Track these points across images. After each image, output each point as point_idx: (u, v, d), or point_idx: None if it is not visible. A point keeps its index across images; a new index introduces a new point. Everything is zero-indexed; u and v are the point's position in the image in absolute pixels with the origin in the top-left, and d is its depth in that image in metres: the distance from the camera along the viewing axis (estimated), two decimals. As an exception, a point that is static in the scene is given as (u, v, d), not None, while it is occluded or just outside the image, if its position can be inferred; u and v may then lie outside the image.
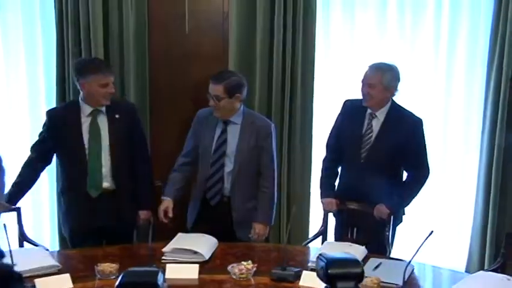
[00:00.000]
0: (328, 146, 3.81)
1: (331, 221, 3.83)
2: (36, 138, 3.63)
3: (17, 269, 2.58)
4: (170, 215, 3.54)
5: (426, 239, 2.69)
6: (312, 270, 2.92)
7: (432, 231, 2.71)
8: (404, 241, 4.01)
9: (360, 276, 2.12)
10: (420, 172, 3.62)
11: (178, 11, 4.13)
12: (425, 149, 3.61)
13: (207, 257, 3.11)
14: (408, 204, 3.70)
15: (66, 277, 2.78)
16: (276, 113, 4.19)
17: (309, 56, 4.15)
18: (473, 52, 4.28)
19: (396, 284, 2.76)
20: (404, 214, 3.79)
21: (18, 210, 3.62)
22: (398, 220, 3.73)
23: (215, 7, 4.18)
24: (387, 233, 3.61)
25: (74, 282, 2.78)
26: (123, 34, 4.10)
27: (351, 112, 3.66)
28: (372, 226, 3.60)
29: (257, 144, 3.54)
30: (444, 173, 4.40)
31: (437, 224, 4.28)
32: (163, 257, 3.09)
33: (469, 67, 4.31)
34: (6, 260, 1.78)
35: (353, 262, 2.11)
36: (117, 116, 3.49)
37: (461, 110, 4.36)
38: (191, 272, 2.92)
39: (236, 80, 3.51)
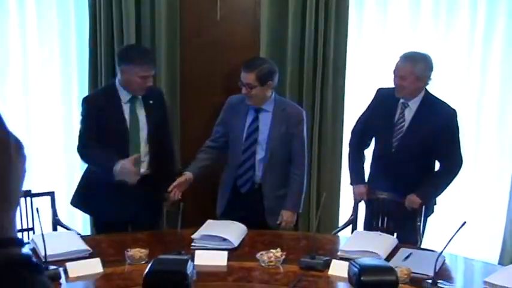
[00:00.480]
0: (354, 131, 3.77)
1: (361, 210, 3.79)
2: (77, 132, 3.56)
3: (49, 252, 2.65)
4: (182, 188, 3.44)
5: (459, 229, 2.64)
6: (341, 259, 2.91)
7: (465, 222, 2.66)
8: (436, 232, 3.97)
9: (394, 285, 2.06)
10: (453, 162, 3.55)
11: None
12: (459, 140, 3.54)
13: (236, 244, 3.10)
14: (440, 194, 3.64)
15: (96, 261, 2.81)
16: (308, 101, 4.15)
17: (341, 44, 4.10)
18: (510, 46, 4.17)
19: (427, 275, 2.72)
20: (435, 204, 3.73)
21: (52, 194, 3.68)
22: (429, 211, 3.67)
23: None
24: (418, 224, 3.56)
25: (104, 266, 2.80)
26: (155, 19, 4.10)
27: (384, 101, 3.60)
28: (402, 216, 3.55)
29: (288, 131, 3.52)
30: (478, 164, 4.32)
31: (470, 215, 4.18)
32: (192, 243, 3.09)
33: (506, 59, 4.21)
34: (28, 249, 1.79)
35: (387, 270, 2.05)
36: (150, 101, 3.48)
37: (496, 101, 4.27)
38: (220, 258, 2.92)
39: (268, 68, 3.48)
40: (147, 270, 2.10)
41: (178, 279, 2.05)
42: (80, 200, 3.60)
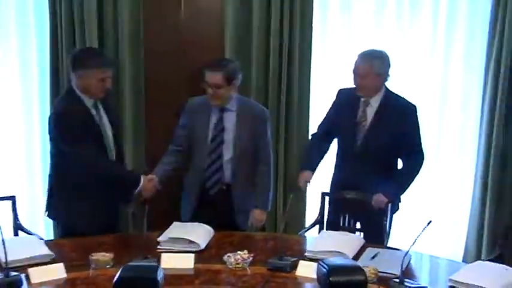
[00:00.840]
0: (320, 126, 3.80)
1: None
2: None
3: (10, 257, 2.57)
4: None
5: (424, 228, 2.65)
6: (309, 260, 2.90)
7: (430, 221, 2.67)
8: (401, 230, 4.00)
9: (363, 284, 2.05)
10: (415, 159, 3.58)
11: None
12: (420, 136, 3.58)
13: (202, 246, 3.07)
14: (405, 191, 3.66)
15: (60, 267, 2.73)
16: (273, 102, 4.16)
17: (306, 44, 4.10)
18: (472, 42, 4.26)
19: (394, 274, 2.72)
20: (400, 202, 3.76)
21: (13, 198, 3.58)
22: (395, 207, 3.70)
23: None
24: (385, 223, 3.58)
25: (68, 271, 2.73)
26: (117, 19, 4.05)
27: (345, 101, 3.62)
28: (368, 215, 3.57)
29: (254, 130, 3.52)
30: (442, 162, 4.38)
31: (434, 213, 4.26)
32: (158, 246, 3.05)
33: (467, 58, 4.29)
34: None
35: (355, 269, 2.04)
36: (108, 103, 3.44)
37: (459, 99, 4.35)
38: (187, 261, 2.88)
39: (233, 67, 3.47)
40: (116, 277, 2.04)
41: (148, 286, 2.01)
42: (53, 210, 3.45)
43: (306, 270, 2.78)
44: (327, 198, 3.78)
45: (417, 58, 4.28)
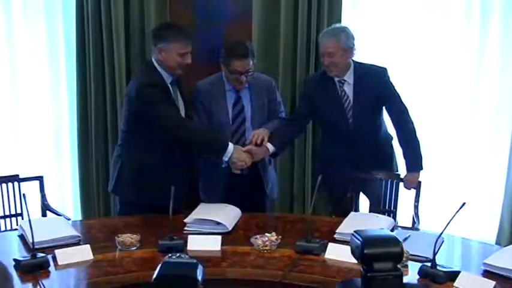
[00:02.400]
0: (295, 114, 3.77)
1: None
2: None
3: (37, 239, 2.57)
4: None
5: (458, 211, 2.57)
6: (337, 242, 2.85)
7: (464, 203, 2.59)
8: (433, 211, 3.93)
9: (399, 256, 1.98)
10: (406, 122, 3.57)
11: None
12: (400, 96, 3.57)
13: (230, 227, 3.04)
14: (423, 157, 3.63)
15: (86, 248, 2.73)
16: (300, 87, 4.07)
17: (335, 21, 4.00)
18: (508, 29, 4.11)
19: (426, 257, 2.65)
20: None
21: (40, 178, 3.60)
22: None
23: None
24: (416, 203, 3.54)
25: (94, 253, 2.72)
26: (145, 25, 4.03)
27: (318, 87, 3.59)
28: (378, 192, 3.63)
29: (266, 99, 3.55)
30: (475, 143, 4.26)
31: (466, 194, 4.16)
32: (185, 228, 3.03)
33: (503, 43, 4.14)
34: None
35: (391, 241, 1.94)
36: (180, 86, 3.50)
37: (494, 78, 4.20)
38: (213, 243, 2.86)
39: (253, 48, 3.50)
40: (155, 274, 2.02)
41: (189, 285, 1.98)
42: (123, 186, 3.44)
43: (335, 252, 2.74)
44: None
45: (450, 50, 4.16)
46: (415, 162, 3.58)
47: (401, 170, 3.71)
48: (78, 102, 4.13)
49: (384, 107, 3.58)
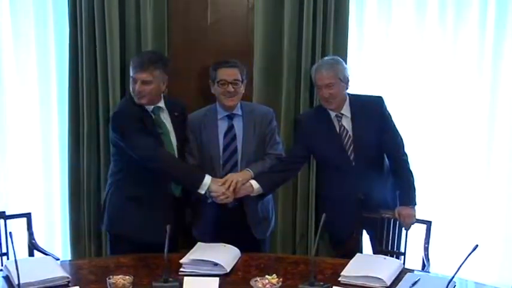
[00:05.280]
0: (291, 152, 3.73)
1: (365, 232, 3.73)
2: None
3: (23, 280, 2.56)
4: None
5: (470, 254, 2.57)
6: (343, 285, 2.84)
7: (477, 245, 2.59)
8: (444, 253, 3.91)
9: None
10: (402, 157, 3.59)
11: (200, 1, 4.08)
12: (393, 122, 3.61)
13: (228, 269, 3.03)
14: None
15: (75, 290, 2.72)
16: (305, 106, 4.08)
17: (341, 52, 4.03)
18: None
19: (437, 303, 2.64)
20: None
21: (28, 215, 3.60)
22: None
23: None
24: (426, 245, 3.52)
25: (84, 295, 2.72)
26: (141, 27, 4.04)
27: (315, 124, 3.61)
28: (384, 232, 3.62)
29: (261, 133, 3.55)
30: (491, 182, 4.24)
31: (480, 235, 4.14)
32: (181, 269, 3.01)
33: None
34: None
35: None
36: (175, 114, 3.55)
37: (509, 110, 4.19)
38: (211, 285, 2.86)
39: (243, 67, 3.56)
40: None
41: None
42: (117, 224, 3.51)
43: (340, 297, 2.73)
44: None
45: (463, 65, 4.16)
46: (407, 195, 3.56)
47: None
48: (69, 137, 4.14)
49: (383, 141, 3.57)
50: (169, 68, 3.48)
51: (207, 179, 3.35)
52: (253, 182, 3.46)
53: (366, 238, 3.76)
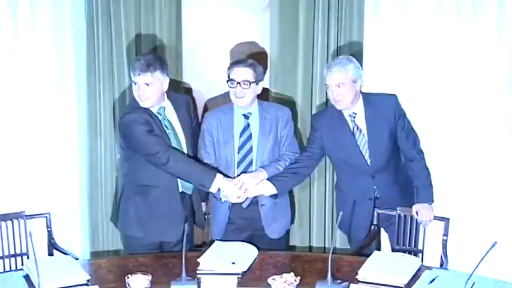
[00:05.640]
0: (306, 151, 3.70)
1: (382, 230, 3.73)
2: None
3: (43, 279, 2.60)
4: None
5: (489, 251, 2.56)
6: (361, 282, 2.85)
7: (496, 243, 2.58)
8: (463, 250, 3.88)
9: None
10: (418, 154, 3.59)
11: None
12: (410, 123, 3.61)
13: (245, 268, 3.04)
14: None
15: (95, 289, 2.76)
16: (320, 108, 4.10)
17: (356, 50, 4.03)
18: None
19: (455, 301, 2.64)
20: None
21: (47, 215, 3.63)
22: None
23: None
24: (444, 241, 3.52)
25: (103, 295, 2.75)
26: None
27: (329, 124, 3.60)
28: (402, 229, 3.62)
29: (278, 134, 3.56)
30: (508, 177, 4.20)
31: (500, 232, 4.10)
32: (198, 268, 3.03)
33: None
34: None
35: None
36: (182, 111, 3.58)
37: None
38: (229, 284, 2.88)
39: (260, 68, 3.54)
40: None
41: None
42: (131, 225, 3.54)
43: (358, 295, 2.73)
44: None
45: (481, 58, 4.12)
46: (424, 192, 3.57)
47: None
48: (88, 136, 4.18)
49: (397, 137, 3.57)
50: (167, 68, 3.49)
51: (219, 178, 3.38)
52: (267, 183, 3.47)
53: (383, 236, 3.76)
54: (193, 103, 3.88)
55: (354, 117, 3.53)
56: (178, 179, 3.46)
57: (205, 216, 3.77)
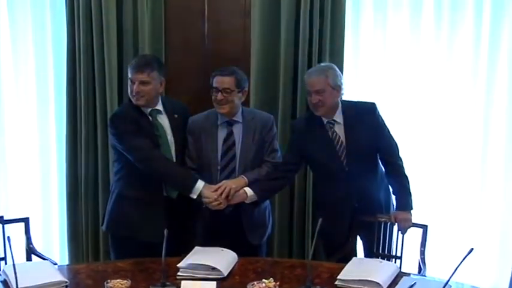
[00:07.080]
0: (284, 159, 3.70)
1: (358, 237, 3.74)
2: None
3: (21, 284, 2.58)
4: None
5: (465, 257, 2.58)
6: (339, 288, 2.86)
7: (472, 249, 2.60)
8: (440, 257, 3.92)
9: None
10: (397, 161, 3.59)
11: (196, 8, 4.12)
12: (388, 128, 3.61)
13: (225, 273, 3.04)
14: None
15: (73, 294, 2.74)
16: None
17: (337, 57, 4.06)
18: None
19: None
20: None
21: (26, 220, 3.60)
22: None
23: (236, 4, 4.15)
24: (422, 248, 3.52)
25: (82, 299, 2.73)
26: (138, 33, 4.08)
27: (307, 130, 3.61)
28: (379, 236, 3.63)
29: (261, 139, 3.56)
30: (486, 187, 4.26)
31: (477, 238, 4.16)
32: (178, 273, 3.03)
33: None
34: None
35: None
36: (175, 115, 3.58)
37: (503, 115, 4.22)
38: (208, 289, 2.86)
39: (242, 75, 3.54)
40: None
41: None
42: (116, 224, 3.59)
43: (337, 301, 2.74)
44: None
45: (458, 72, 4.19)
46: (403, 200, 3.57)
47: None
48: (67, 141, 4.17)
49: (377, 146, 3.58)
50: (164, 70, 3.53)
51: (200, 184, 3.39)
52: (248, 189, 3.48)
53: (359, 243, 3.78)
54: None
55: (333, 124, 3.54)
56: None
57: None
